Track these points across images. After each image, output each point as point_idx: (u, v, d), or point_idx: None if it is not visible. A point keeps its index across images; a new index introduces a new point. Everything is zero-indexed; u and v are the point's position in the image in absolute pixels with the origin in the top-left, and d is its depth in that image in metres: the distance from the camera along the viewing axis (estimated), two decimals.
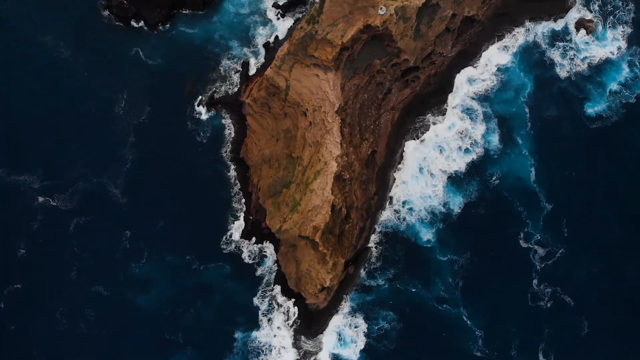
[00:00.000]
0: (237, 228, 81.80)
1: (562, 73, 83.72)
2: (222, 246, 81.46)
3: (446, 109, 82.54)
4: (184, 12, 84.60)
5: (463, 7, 75.73)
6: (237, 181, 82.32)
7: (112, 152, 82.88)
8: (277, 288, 79.78)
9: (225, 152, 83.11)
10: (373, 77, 73.74)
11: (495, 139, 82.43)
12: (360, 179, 75.57)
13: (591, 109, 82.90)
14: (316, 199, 68.69)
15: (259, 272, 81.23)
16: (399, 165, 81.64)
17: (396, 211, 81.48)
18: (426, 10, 71.74)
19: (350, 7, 68.52)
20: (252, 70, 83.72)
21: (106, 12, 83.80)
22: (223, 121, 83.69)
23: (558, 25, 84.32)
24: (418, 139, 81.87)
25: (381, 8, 68.60)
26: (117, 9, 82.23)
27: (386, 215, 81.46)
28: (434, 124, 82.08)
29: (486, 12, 79.65)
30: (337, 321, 79.86)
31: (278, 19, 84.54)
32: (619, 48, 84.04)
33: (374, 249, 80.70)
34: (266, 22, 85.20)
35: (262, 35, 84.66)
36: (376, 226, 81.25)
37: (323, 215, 67.54)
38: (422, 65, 76.63)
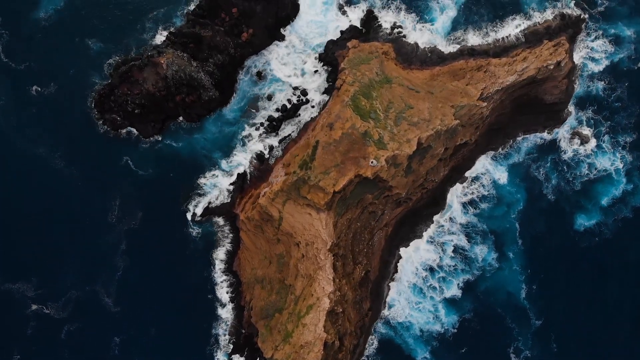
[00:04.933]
0: (228, 341, 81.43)
1: (555, 187, 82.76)
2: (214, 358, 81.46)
3: (439, 222, 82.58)
4: (179, 121, 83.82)
5: (456, 140, 75.20)
6: (229, 293, 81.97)
7: (104, 260, 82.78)
8: None
9: (218, 262, 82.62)
10: (365, 208, 73.31)
11: (488, 257, 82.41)
12: (354, 301, 75.19)
13: (582, 223, 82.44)
14: (308, 335, 68.22)
15: None
16: (394, 282, 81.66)
17: (392, 327, 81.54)
18: (418, 152, 71.08)
19: (342, 156, 68.08)
20: (247, 175, 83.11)
21: (100, 127, 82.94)
22: (216, 230, 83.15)
23: (552, 138, 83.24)
24: (410, 246, 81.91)
25: (372, 161, 67.57)
26: (110, 123, 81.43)
27: (381, 328, 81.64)
28: (428, 238, 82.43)
29: (480, 131, 79.20)
30: None
31: (272, 131, 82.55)
32: (618, 158, 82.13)
33: None
34: (259, 134, 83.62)
35: (256, 147, 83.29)
36: (371, 337, 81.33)
37: (315, 353, 67.09)
38: (414, 191, 76.34)
